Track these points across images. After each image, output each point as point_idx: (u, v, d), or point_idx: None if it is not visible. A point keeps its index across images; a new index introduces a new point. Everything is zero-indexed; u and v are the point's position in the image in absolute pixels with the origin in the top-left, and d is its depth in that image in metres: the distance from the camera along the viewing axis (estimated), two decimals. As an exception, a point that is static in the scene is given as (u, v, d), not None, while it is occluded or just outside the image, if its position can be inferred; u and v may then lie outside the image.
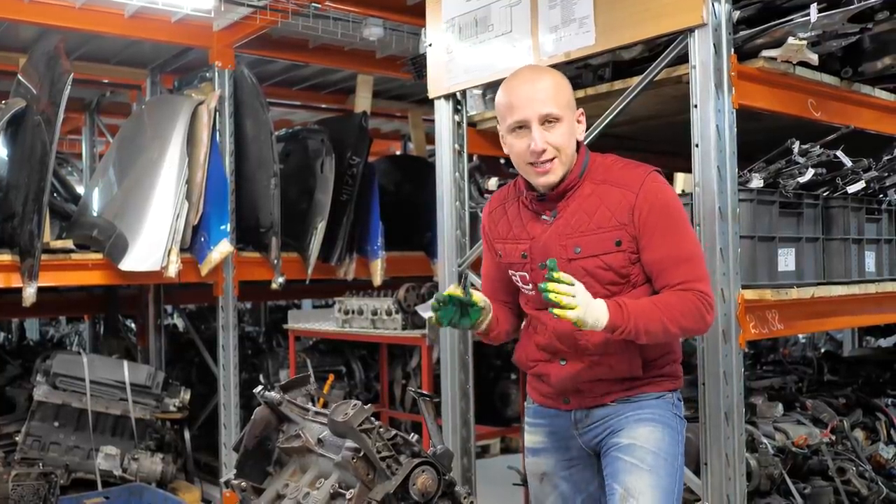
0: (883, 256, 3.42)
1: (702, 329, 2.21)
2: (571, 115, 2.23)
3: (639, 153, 4.16)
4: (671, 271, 2.16)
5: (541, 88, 2.18)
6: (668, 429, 2.25)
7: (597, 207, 2.19)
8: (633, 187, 2.17)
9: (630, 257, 2.18)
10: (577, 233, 2.20)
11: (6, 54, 5.59)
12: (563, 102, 2.20)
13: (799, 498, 3.20)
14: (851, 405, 3.92)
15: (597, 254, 2.17)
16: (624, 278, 2.19)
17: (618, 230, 2.17)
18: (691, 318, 2.13)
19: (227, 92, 5.18)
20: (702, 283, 2.17)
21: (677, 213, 2.20)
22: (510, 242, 2.34)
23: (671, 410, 2.28)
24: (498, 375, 5.85)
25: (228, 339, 5.16)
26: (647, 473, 2.18)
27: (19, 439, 4.53)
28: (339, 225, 5.55)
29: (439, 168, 3.67)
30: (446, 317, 2.22)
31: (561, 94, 2.20)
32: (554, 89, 2.19)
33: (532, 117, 2.17)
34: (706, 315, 2.15)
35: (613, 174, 2.23)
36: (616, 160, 2.28)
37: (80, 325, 8.45)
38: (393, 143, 9.34)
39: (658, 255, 2.16)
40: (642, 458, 2.19)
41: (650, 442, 2.21)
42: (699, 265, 2.19)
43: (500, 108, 2.25)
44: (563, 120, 2.18)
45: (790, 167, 2.98)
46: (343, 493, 2.18)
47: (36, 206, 4.19)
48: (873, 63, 3.10)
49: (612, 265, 2.18)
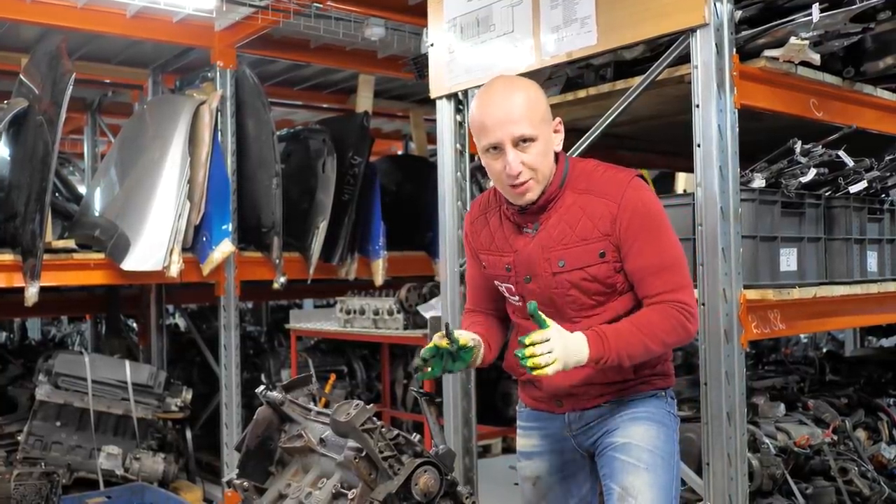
0: (885, 256, 3.41)
1: (685, 340, 2.17)
2: (547, 129, 2.15)
3: (640, 153, 4.16)
4: (651, 280, 2.13)
5: (514, 108, 2.09)
6: (663, 427, 2.24)
7: (579, 219, 2.16)
8: (614, 197, 2.13)
9: (614, 266, 2.16)
10: (560, 245, 2.17)
11: (8, 54, 5.60)
12: (537, 119, 2.12)
13: (801, 498, 3.20)
14: (853, 405, 3.92)
15: (581, 266, 2.15)
16: (610, 287, 2.17)
17: (601, 241, 2.14)
18: (673, 333, 2.11)
19: (229, 92, 5.19)
20: (682, 291, 2.13)
21: (659, 220, 2.16)
22: (494, 254, 2.30)
23: (665, 408, 2.27)
24: (499, 375, 5.84)
25: (230, 338, 5.17)
26: (645, 472, 2.17)
27: (21, 439, 4.54)
28: (340, 225, 5.55)
29: (441, 168, 3.67)
30: (438, 368, 2.18)
31: (535, 111, 2.12)
32: (527, 107, 2.11)
33: (505, 139, 2.09)
34: (688, 325, 2.12)
35: (594, 183, 2.17)
36: (597, 166, 2.23)
37: (81, 325, 8.44)
38: (394, 143, 9.35)
39: (639, 263, 2.13)
40: (639, 457, 2.19)
41: (646, 440, 2.21)
42: (680, 273, 2.15)
43: (474, 127, 2.16)
44: (537, 139, 2.11)
45: (792, 167, 2.98)
46: (345, 492, 2.18)
47: (38, 206, 4.20)
48: (875, 63, 3.09)
49: (597, 276, 2.15)
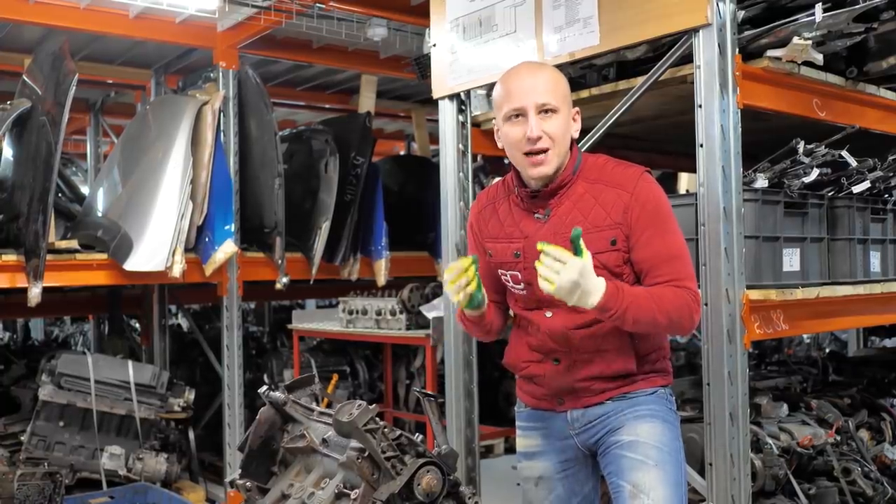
0: (888, 256, 3.41)
1: (687, 326, 2.20)
2: (568, 110, 2.23)
3: (643, 153, 4.16)
4: (661, 268, 2.17)
5: (540, 79, 2.20)
6: (668, 424, 2.26)
7: (592, 207, 2.20)
8: (627, 187, 2.19)
9: (623, 256, 2.20)
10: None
11: (11, 55, 5.61)
12: (561, 96, 2.21)
13: (804, 498, 3.19)
14: (856, 405, 3.91)
15: (593, 253, 2.16)
16: (617, 277, 2.19)
17: (613, 229, 2.18)
18: (680, 312, 2.14)
19: (231, 92, 5.19)
20: (690, 280, 2.19)
21: (667, 212, 2.21)
22: (502, 241, 2.33)
23: (666, 406, 2.29)
24: (502, 375, 5.85)
25: (233, 338, 5.17)
26: (655, 468, 2.18)
27: (24, 439, 4.54)
28: (342, 225, 5.55)
29: (443, 168, 3.67)
30: (478, 287, 2.18)
31: (559, 88, 2.22)
32: (553, 82, 2.21)
33: (529, 105, 2.17)
34: (694, 314, 2.17)
35: (607, 174, 2.23)
36: (608, 160, 2.29)
37: (84, 325, 8.46)
38: (397, 144, 9.35)
39: (648, 252, 2.17)
40: (647, 454, 2.19)
41: (653, 438, 2.22)
42: (687, 264, 2.20)
43: (497, 98, 2.26)
44: (559, 112, 2.19)
45: (795, 167, 2.98)
46: (348, 493, 2.18)
47: (41, 207, 4.20)
48: (878, 63, 3.09)
49: (607, 264, 2.18)
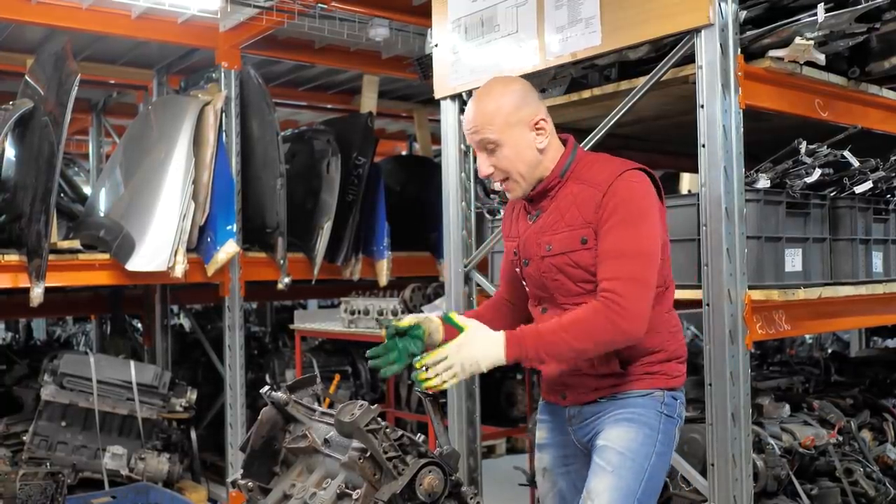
0: (890, 257, 3.41)
1: (618, 338, 2.07)
2: (518, 131, 2.18)
3: (645, 153, 4.15)
4: (605, 264, 2.11)
5: (477, 115, 2.20)
6: (645, 428, 2.19)
7: (569, 206, 2.20)
8: (601, 186, 2.14)
9: (596, 254, 2.15)
10: (551, 231, 2.22)
11: (13, 55, 5.62)
12: (500, 126, 2.17)
13: (806, 499, 3.19)
14: (858, 406, 3.90)
15: (565, 251, 2.18)
16: (594, 276, 2.15)
17: (584, 228, 2.15)
18: (602, 331, 2.05)
19: (234, 92, 5.19)
20: (624, 282, 2.06)
21: (639, 210, 2.12)
22: (510, 240, 2.41)
23: (656, 409, 2.22)
24: (504, 376, 5.85)
25: (234, 339, 5.18)
26: (609, 475, 2.15)
27: (27, 439, 4.55)
28: (344, 225, 5.55)
29: (445, 168, 3.68)
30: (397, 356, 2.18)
31: (496, 118, 2.17)
32: (488, 115, 2.17)
33: (474, 145, 2.24)
34: (617, 321, 2.04)
35: (592, 173, 2.20)
36: (598, 158, 2.26)
37: (86, 325, 8.47)
38: (399, 144, 9.35)
39: (603, 246, 2.12)
40: (609, 460, 2.17)
41: (619, 442, 2.18)
42: (636, 264, 2.08)
43: None
44: (502, 143, 2.18)
45: (797, 167, 2.98)
46: (349, 493, 2.18)
47: (43, 207, 4.20)
48: (881, 63, 3.08)
49: (580, 263, 2.17)
